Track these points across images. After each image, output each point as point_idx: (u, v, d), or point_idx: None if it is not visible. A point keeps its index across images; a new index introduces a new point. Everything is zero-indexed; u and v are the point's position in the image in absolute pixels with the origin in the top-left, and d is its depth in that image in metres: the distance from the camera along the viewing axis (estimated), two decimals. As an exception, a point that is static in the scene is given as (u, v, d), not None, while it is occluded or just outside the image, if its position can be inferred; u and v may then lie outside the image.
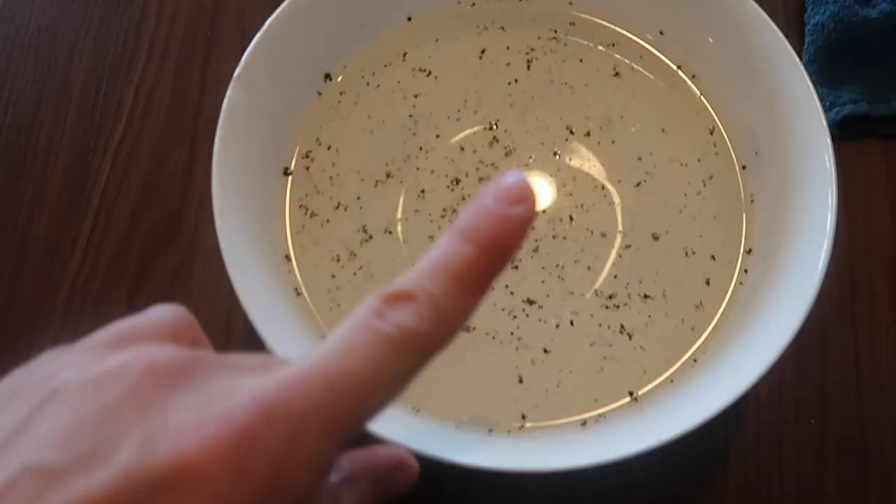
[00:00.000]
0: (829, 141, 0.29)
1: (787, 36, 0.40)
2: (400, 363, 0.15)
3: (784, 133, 0.32)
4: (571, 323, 0.32)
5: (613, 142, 0.35)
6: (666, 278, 0.33)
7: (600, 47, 0.36)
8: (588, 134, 0.35)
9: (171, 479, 0.13)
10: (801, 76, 0.30)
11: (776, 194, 0.32)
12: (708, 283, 0.33)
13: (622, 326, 0.32)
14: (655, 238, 0.34)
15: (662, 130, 0.35)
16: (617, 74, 0.36)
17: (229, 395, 0.14)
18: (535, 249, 0.33)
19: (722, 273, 0.33)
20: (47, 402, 0.14)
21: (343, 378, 0.15)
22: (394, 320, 0.15)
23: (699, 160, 0.35)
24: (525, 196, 0.17)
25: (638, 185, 0.34)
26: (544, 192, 0.34)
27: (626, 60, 0.36)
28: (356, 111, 0.36)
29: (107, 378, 0.15)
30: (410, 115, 0.35)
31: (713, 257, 0.33)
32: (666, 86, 0.36)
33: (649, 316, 0.32)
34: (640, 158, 0.35)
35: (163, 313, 0.17)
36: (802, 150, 0.30)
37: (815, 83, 0.38)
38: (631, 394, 0.31)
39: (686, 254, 0.33)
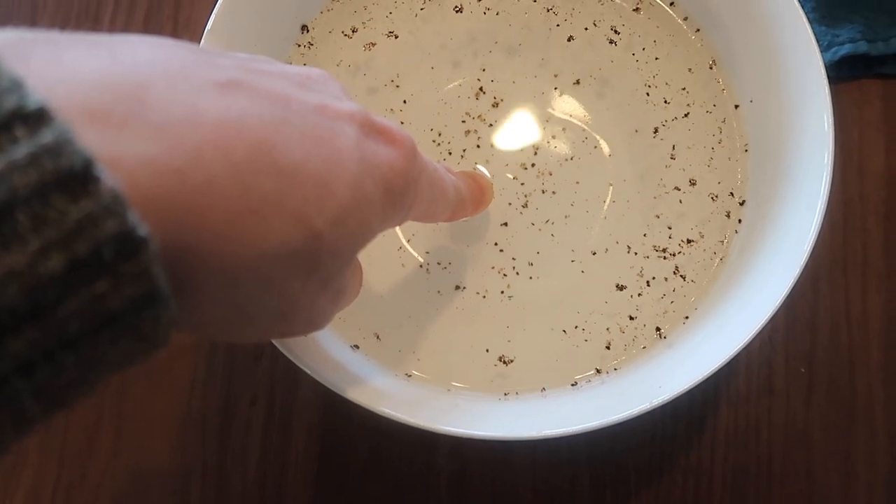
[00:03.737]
0: (828, 99, 0.28)
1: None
2: (440, 195, 0.24)
3: (780, 80, 0.30)
4: (564, 280, 0.32)
5: (602, 92, 0.34)
6: (658, 232, 0.32)
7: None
8: (578, 83, 0.34)
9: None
10: (800, 20, 0.29)
11: (770, 145, 0.31)
12: (702, 235, 0.32)
13: (617, 285, 0.32)
14: (646, 191, 0.33)
15: (654, 78, 0.34)
16: (614, 32, 0.34)
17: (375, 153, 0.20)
18: (525, 205, 0.33)
19: (716, 225, 0.32)
20: (262, 62, 0.19)
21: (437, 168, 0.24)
22: (453, 179, 0.25)
23: (693, 110, 0.34)
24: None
25: (629, 136, 0.33)
26: (532, 138, 0.33)
27: (620, 12, 0.34)
28: (336, 64, 0.34)
29: (302, 69, 0.20)
30: (392, 67, 0.34)
31: (704, 217, 0.33)
32: (666, 35, 0.34)
33: (641, 270, 0.32)
34: (629, 105, 0.34)
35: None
36: (798, 100, 0.29)
37: (812, 21, 0.37)
38: (614, 364, 0.31)
39: (680, 202, 0.33)
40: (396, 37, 0.34)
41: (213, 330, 0.18)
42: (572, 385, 0.30)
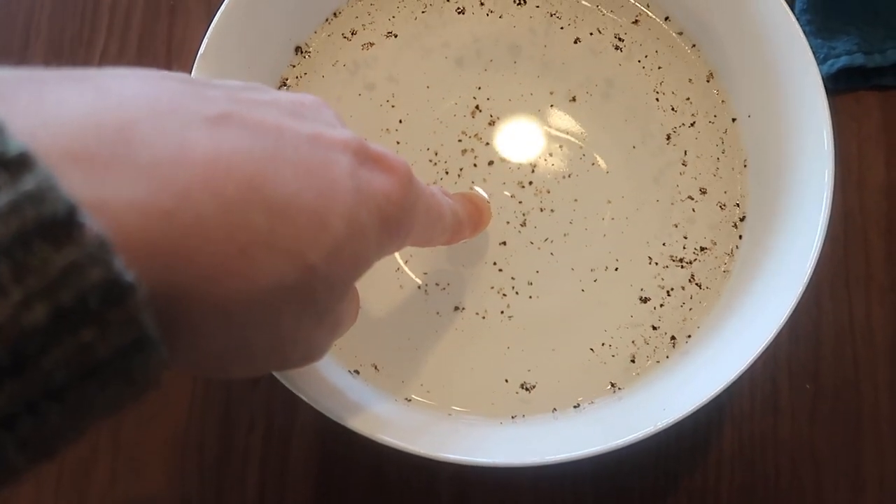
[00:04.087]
0: (827, 116, 0.27)
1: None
2: (437, 220, 0.23)
3: (778, 95, 0.30)
4: (564, 299, 0.31)
5: (600, 108, 0.34)
6: (657, 249, 0.32)
7: (601, 9, 0.34)
8: (574, 100, 0.34)
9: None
10: (797, 34, 0.29)
11: (770, 161, 0.31)
12: (714, 243, 0.32)
13: (615, 304, 0.31)
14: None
15: (655, 92, 0.34)
16: (619, 40, 0.34)
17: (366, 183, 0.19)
18: (523, 224, 0.32)
19: (725, 234, 0.32)
20: (253, 89, 0.19)
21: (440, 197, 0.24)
22: (450, 202, 0.25)
23: (691, 125, 0.33)
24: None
25: (626, 151, 0.33)
26: (529, 155, 0.33)
27: (621, 22, 0.34)
28: (330, 85, 0.34)
29: (294, 95, 0.20)
30: (387, 87, 0.34)
31: (704, 234, 0.32)
32: (666, 47, 0.34)
33: (641, 289, 0.32)
34: (626, 121, 0.33)
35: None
36: (797, 116, 0.29)
37: (807, 34, 0.36)
38: (615, 385, 0.30)
39: (676, 225, 0.32)
40: (395, 80, 0.34)
41: (208, 368, 0.18)
42: (574, 407, 0.29)
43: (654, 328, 0.31)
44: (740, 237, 0.32)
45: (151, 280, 0.14)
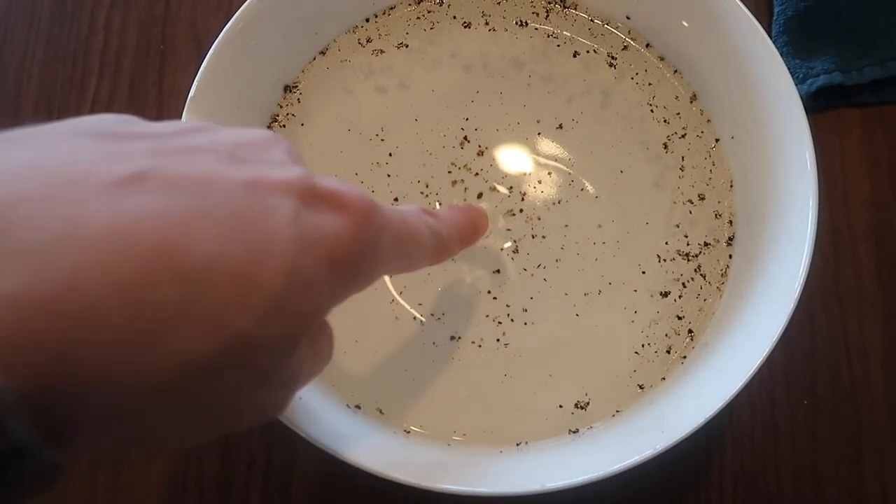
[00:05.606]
0: (809, 139, 0.28)
1: (755, 7, 0.39)
2: (413, 246, 0.21)
3: (759, 119, 0.31)
4: (560, 324, 0.32)
5: (585, 135, 0.34)
6: (653, 268, 0.32)
7: (581, 38, 0.35)
8: (560, 127, 0.34)
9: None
10: (776, 59, 0.29)
11: (754, 181, 0.31)
12: (692, 279, 0.32)
13: (610, 327, 0.32)
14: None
15: (648, 105, 0.34)
16: (612, 58, 0.35)
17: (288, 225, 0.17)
18: (515, 251, 0.33)
19: (705, 269, 0.32)
20: (196, 132, 0.18)
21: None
22: (429, 223, 0.23)
23: (682, 136, 0.34)
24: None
25: (614, 177, 0.34)
26: (519, 184, 0.34)
27: (612, 44, 0.35)
28: (319, 121, 0.34)
29: (240, 131, 0.19)
30: (376, 121, 0.34)
31: (695, 253, 0.33)
32: (654, 67, 0.35)
33: (635, 312, 0.32)
34: (612, 146, 0.34)
35: None
36: (779, 139, 0.30)
37: (786, 54, 0.37)
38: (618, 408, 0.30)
39: (666, 243, 0.33)
40: (385, 115, 0.35)
41: (132, 450, 0.16)
42: (573, 432, 0.29)
43: (654, 350, 0.31)
44: (730, 256, 0.32)
45: (38, 374, 0.13)
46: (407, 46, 0.35)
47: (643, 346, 0.31)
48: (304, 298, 0.16)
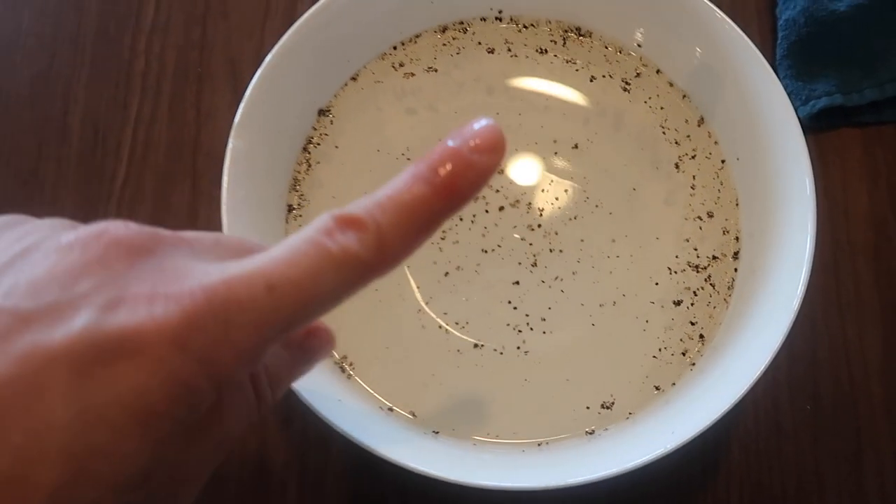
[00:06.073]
0: (808, 163, 0.30)
1: (760, 32, 0.41)
2: (336, 281, 0.16)
3: (762, 143, 0.33)
4: (576, 332, 0.34)
5: (600, 154, 0.36)
6: (664, 279, 0.35)
7: (596, 64, 0.38)
8: (576, 147, 0.37)
9: (122, 341, 0.15)
10: (777, 88, 0.32)
11: (758, 201, 0.33)
12: (702, 288, 0.34)
13: (624, 335, 0.34)
14: (648, 246, 0.35)
15: (661, 127, 0.37)
16: (626, 83, 0.37)
17: (182, 276, 0.16)
18: (534, 264, 0.35)
19: (714, 279, 0.35)
20: (20, 257, 0.16)
21: (283, 283, 0.16)
22: (340, 242, 0.16)
23: (692, 157, 0.36)
24: (493, 146, 0.18)
25: (627, 193, 0.36)
26: (536, 200, 0.36)
27: (626, 69, 0.37)
28: (351, 143, 0.37)
29: (76, 245, 0.16)
30: (404, 141, 0.37)
31: (703, 266, 0.35)
32: (665, 92, 0.37)
33: (647, 321, 0.34)
34: (625, 165, 0.36)
35: None
36: (781, 162, 0.32)
37: (789, 77, 0.40)
38: (629, 413, 0.33)
39: (677, 256, 0.35)
40: (410, 136, 0.37)
41: None
42: (589, 433, 0.31)
43: (670, 353, 0.33)
44: (735, 270, 0.34)
45: None
46: (436, 71, 0.38)
47: (660, 349, 0.33)
48: (99, 482, 0.15)
